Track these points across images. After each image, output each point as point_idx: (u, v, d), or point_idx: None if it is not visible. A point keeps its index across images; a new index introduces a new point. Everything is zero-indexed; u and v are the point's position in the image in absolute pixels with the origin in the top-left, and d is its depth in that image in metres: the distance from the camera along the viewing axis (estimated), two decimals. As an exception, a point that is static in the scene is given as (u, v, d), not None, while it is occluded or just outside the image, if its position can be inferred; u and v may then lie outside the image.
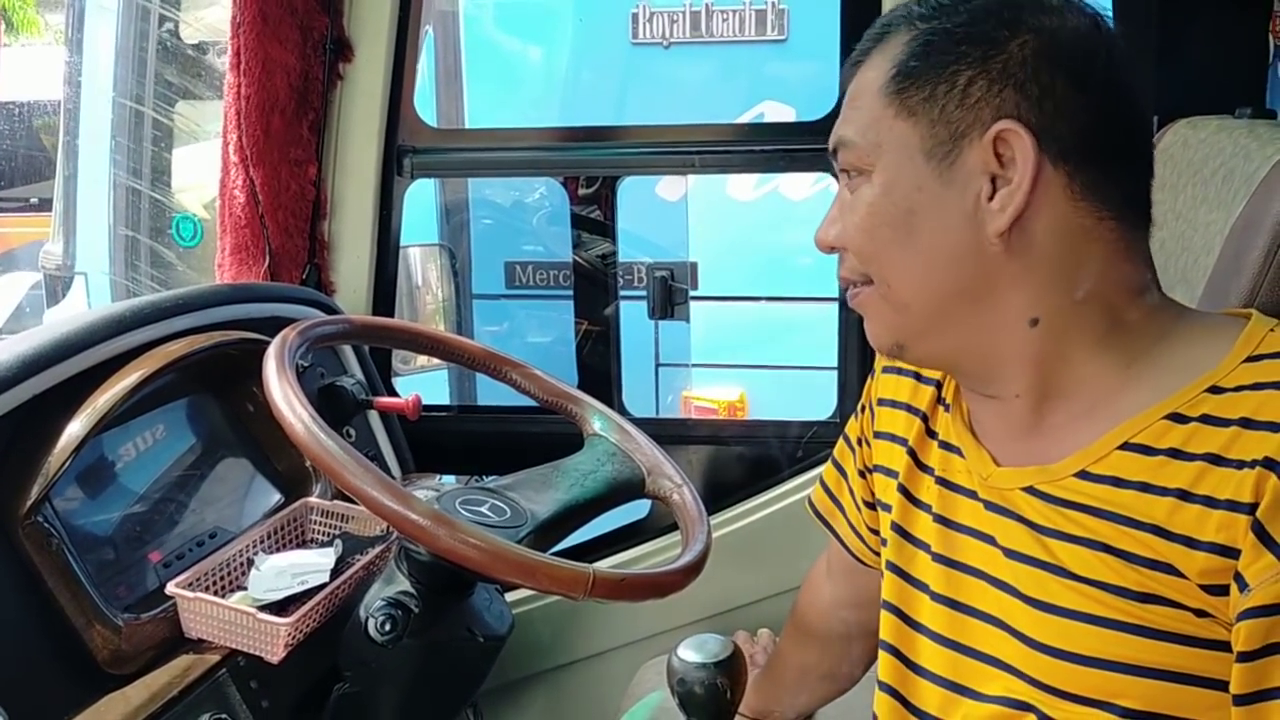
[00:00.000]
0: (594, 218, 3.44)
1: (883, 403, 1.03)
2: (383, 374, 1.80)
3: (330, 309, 1.66)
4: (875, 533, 1.07)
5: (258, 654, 1.20)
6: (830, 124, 1.79)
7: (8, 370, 1.13)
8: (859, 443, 1.08)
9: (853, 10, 1.66)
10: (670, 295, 3.14)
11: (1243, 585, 0.73)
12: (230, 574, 1.28)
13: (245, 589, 1.26)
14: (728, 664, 0.95)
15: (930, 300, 0.84)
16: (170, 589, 1.20)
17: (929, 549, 0.92)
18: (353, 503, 1.28)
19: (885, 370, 1.04)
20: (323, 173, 1.74)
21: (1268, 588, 0.71)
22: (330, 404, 1.50)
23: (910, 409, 0.99)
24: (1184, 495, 0.75)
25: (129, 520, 1.28)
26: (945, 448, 0.94)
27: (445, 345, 1.46)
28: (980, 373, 0.87)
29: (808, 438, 1.76)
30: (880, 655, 0.97)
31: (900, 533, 0.96)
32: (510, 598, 1.58)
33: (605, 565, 1.59)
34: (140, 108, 2.59)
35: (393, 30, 1.72)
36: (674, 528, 1.64)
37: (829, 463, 1.14)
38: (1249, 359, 0.78)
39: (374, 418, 1.70)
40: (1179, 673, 0.77)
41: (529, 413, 1.79)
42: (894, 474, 0.98)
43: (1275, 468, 0.72)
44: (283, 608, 1.23)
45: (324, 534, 1.39)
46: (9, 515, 1.11)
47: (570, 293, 3.30)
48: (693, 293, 3.24)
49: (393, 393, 1.80)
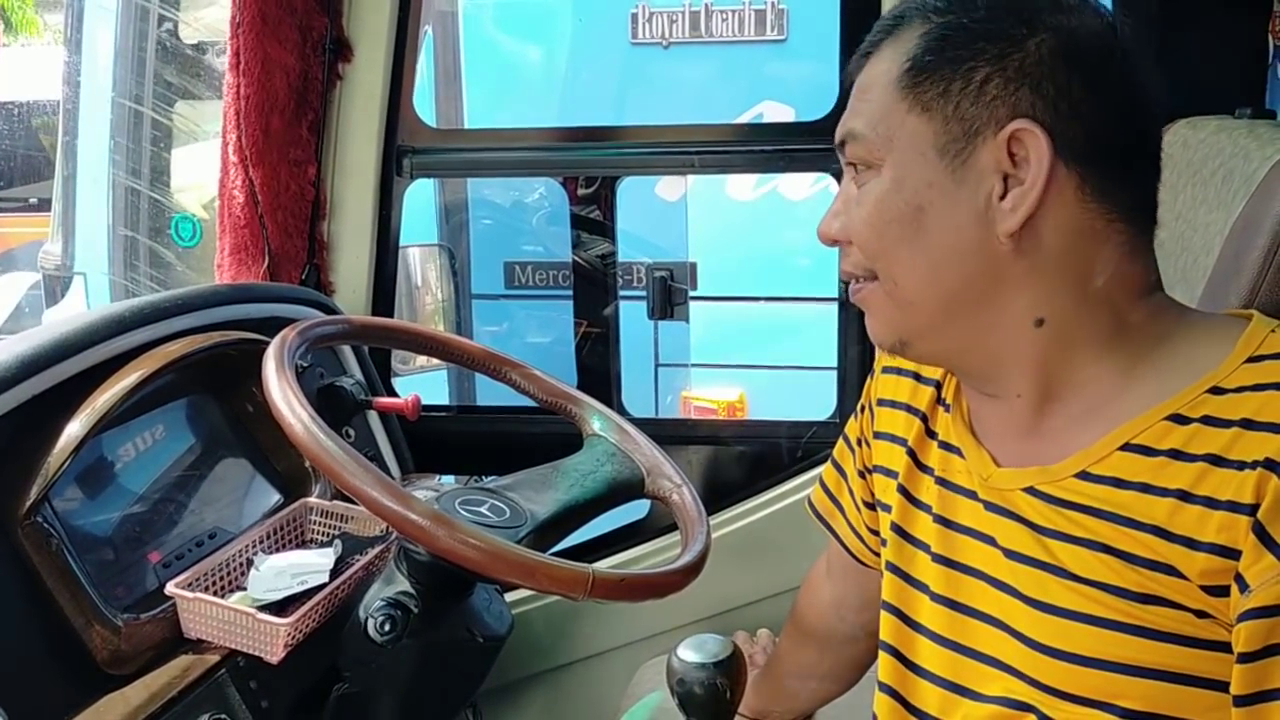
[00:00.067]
0: (593, 218, 3.43)
1: (882, 403, 1.03)
2: (382, 374, 1.80)
3: (329, 309, 1.66)
4: (875, 533, 1.06)
5: (257, 654, 1.20)
6: (830, 124, 1.79)
7: (7, 370, 1.13)
8: (858, 443, 1.08)
9: (852, 10, 1.66)
10: (670, 295, 3.14)
11: (1243, 586, 0.73)
12: (229, 574, 1.28)
13: (245, 589, 1.26)
14: (727, 664, 0.95)
15: (936, 298, 0.83)
16: (170, 589, 1.20)
17: (929, 549, 0.92)
18: (352, 503, 1.28)
19: (885, 370, 1.03)
20: (322, 173, 1.74)
21: (1269, 589, 0.71)
22: (329, 404, 1.50)
23: (910, 409, 0.98)
24: (1185, 496, 0.75)
25: (128, 520, 1.28)
26: (945, 448, 0.93)
27: (445, 345, 1.46)
28: (983, 372, 0.86)
29: (807, 438, 1.76)
30: (880, 656, 0.97)
31: (900, 533, 0.96)
32: (510, 598, 1.58)
33: (605, 565, 1.58)
34: (139, 108, 2.59)
35: (392, 30, 1.72)
36: (673, 528, 1.64)
37: (828, 463, 1.14)
38: (1250, 360, 0.78)
39: (373, 418, 1.70)
40: (1179, 673, 0.77)
41: (528, 413, 1.79)
42: (894, 474, 0.98)
43: (1276, 469, 0.72)
44: (282, 608, 1.23)
45: (323, 534, 1.39)
46: (8, 515, 1.11)
47: (570, 293, 3.30)
48: (692, 293, 3.24)
49: (392, 393, 1.80)
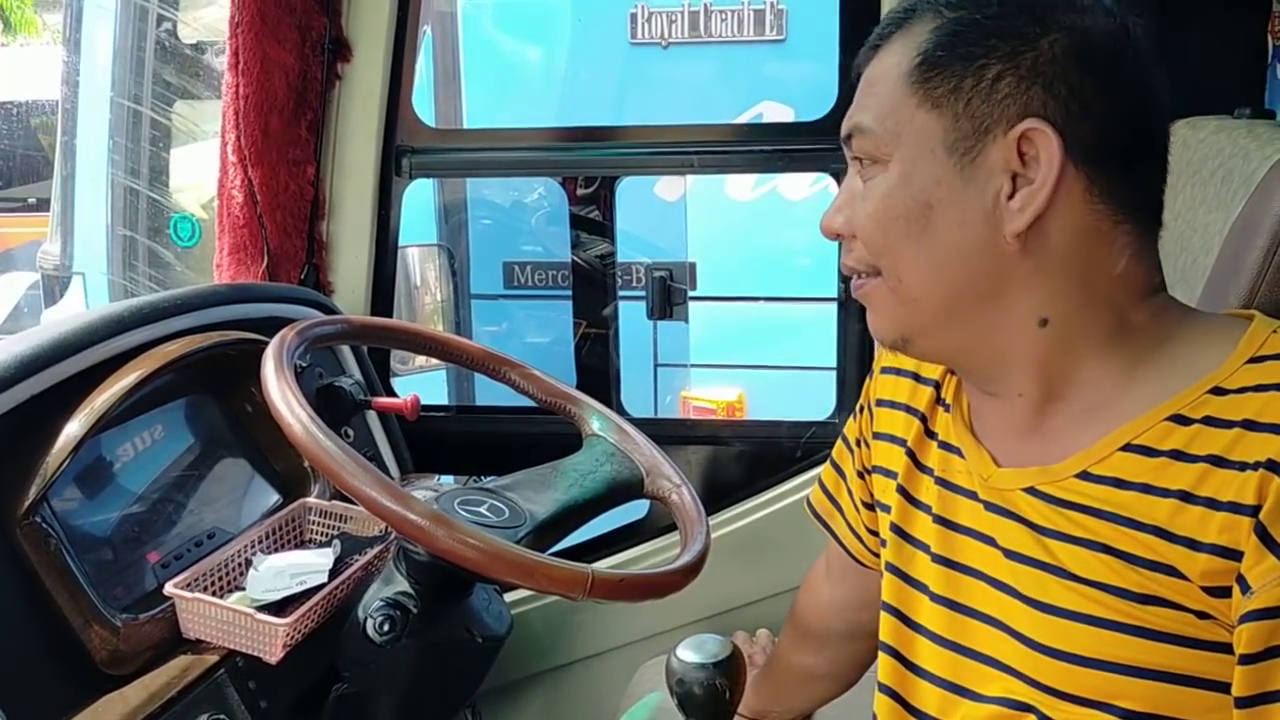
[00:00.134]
0: (593, 218, 3.43)
1: (881, 403, 1.02)
2: (381, 374, 1.80)
3: (329, 309, 1.66)
4: (874, 534, 1.06)
5: (256, 654, 1.20)
6: (829, 124, 1.79)
7: (6, 370, 1.13)
8: (857, 444, 1.07)
9: (851, 10, 1.66)
10: (669, 295, 3.14)
11: (1245, 587, 0.73)
12: (228, 574, 1.28)
13: (243, 589, 1.26)
14: (726, 664, 0.95)
15: (940, 296, 0.83)
16: (168, 589, 1.20)
17: (928, 550, 0.92)
18: (351, 503, 1.28)
19: (884, 371, 1.03)
20: (321, 173, 1.74)
21: (1271, 590, 0.71)
22: (328, 404, 1.50)
23: (909, 409, 0.98)
24: (1186, 497, 0.75)
25: (127, 520, 1.28)
26: (945, 448, 0.93)
27: (444, 345, 1.46)
28: (984, 370, 0.86)
29: (806, 438, 1.76)
30: (880, 656, 0.97)
31: (899, 533, 0.96)
32: (509, 598, 1.58)
33: (604, 565, 1.58)
34: (138, 107, 2.59)
35: (391, 30, 1.72)
36: (673, 528, 1.64)
37: (827, 464, 1.14)
38: (1251, 360, 0.77)
39: (372, 418, 1.70)
40: (1179, 674, 0.77)
41: (528, 413, 1.78)
42: (893, 475, 0.98)
43: (1278, 470, 0.72)
44: (281, 608, 1.23)
45: (322, 534, 1.39)
46: (7, 515, 1.11)
47: (569, 293, 3.30)
48: (691, 293, 3.24)
49: (391, 393, 1.80)
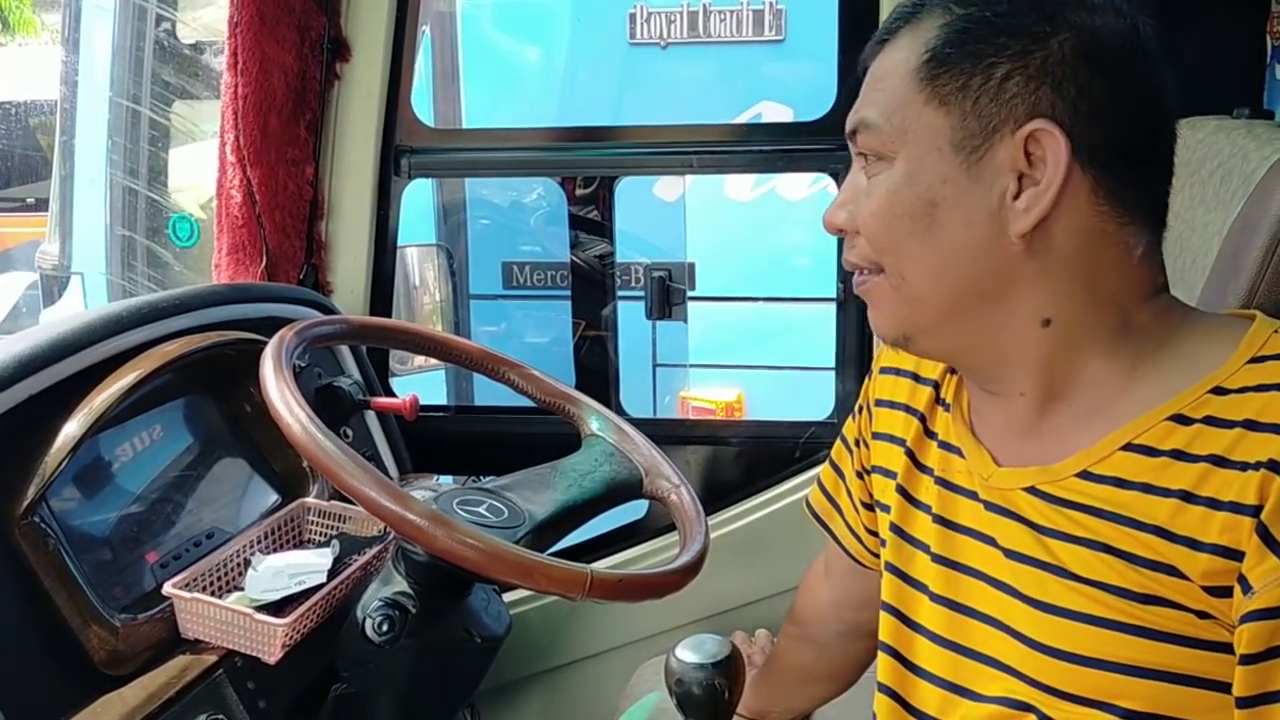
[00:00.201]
0: (592, 218, 3.43)
1: (880, 404, 1.02)
2: (380, 374, 1.79)
3: (327, 309, 1.66)
4: (874, 534, 1.06)
5: (255, 654, 1.20)
6: (828, 124, 1.79)
7: (4, 370, 1.13)
8: (857, 444, 1.07)
9: (850, 10, 1.66)
10: (668, 295, 3.14)
11: (1246, 588, 0.72)
12: (227, 574, 1.28)
13: (242, 589, 1.26)
14: (726, 664, 0.95)
15: (944, 296, 0.82)
16: (167, 589, 1.20)
17: (928, 549, 0.92)
18: (350, 503, 1.28)
19: (883, 371, 1.03)
20: (320, 173, 1.74)
21: (1272, 590, 0.71)
22: (327, 404, 1.50)
23: (908, 409, 0.98)
24: (1187, 496, 0.75)
25: (126, 521, 1.28)
26: (945, 448, 0.93)
27: (443, 345, 1.46)
28: (986, 369, 0.86)
29: (805, 438, 1.76)
30: (879, 656, 0.97)
31: (899, 533, 0.96)
32: (508, 598, 1.58)
33: (603, 566, 1.58)
34: (137, 107, 2.59)
35: (390, 30, 1.72)
36: (672, 528, 1.64)
37: (826, 464, 1.14)
38: (1253, 360, 0.77)
39: (371, 418, 1.70)
40: (1180, 674, 0.77)
41: (527, 413, 1.78)
42: (892, 474, 0.98)
43: None
44: (280, 608, 1.23)
45: (321, 534, 1.39)
46: (5, 515, 1.10)
47: (568, 293, 3.30)
48: (690, 293, 3.24)
49: (390, 393, 1.80)
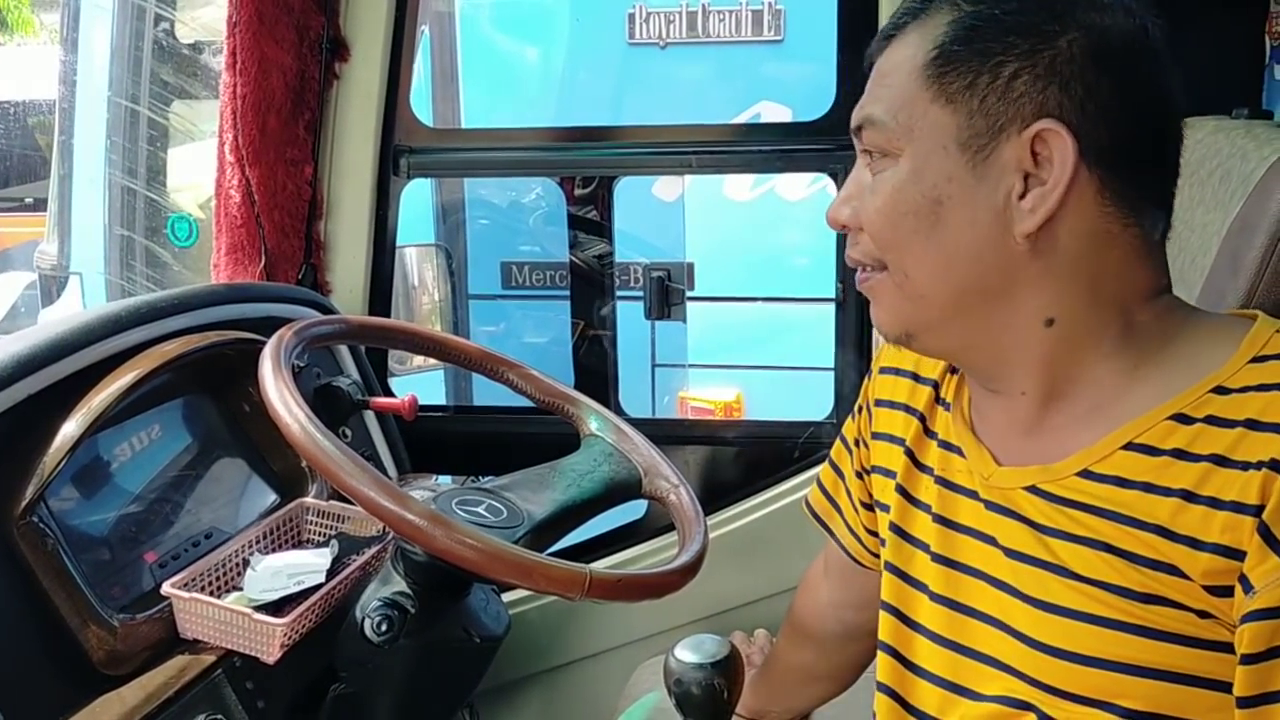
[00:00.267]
0: (590, 218, 3.43)
1: (880, 404, 1.02)
2: (379, 374, 1.79)
3: (326, 309, 1.66)
4: (873, 534, 1.06)
5: (253, 654, 1.19)
6: (827, 124, 1.79)
7: (3, 370, 1.13)
8: (856, 444, 1.07)
9: (849, 10, 1.66)
10: (667, 295, 3.14)
11: (1248, 587, 0.72)
12: (226, 574, 1.28)
13: (241, 589, 1.26)
14: (725, 664, 0.95)
15: (947, 294, 0.82)
16: (166, 589, 1.20)
17: (928, 549, 0.92)
18: (349, 503, 1.28)
19: (882, 371, 1.03)
20: (319, 172, 1.74)
21: (1273, 590, 0.71)
22: (326, 404, 1.50)
23: (908, 409, 0.98)
24: (1188, 496, 0.75)
25: (124, 520, 1.28)
26: (945, 447, 0.93)
27: (442, 345, 1.46)
28: (988, 368, 0.86)
29: (804, 438, 1.76)
30: (879, 656, 0.97)
31: (899, 533, 0.96)
32: (507, 598, 1.58)
33: (602, 566, 1.58)
34: (136, 107, 2.58)
35: (389, 30, 1.72)
36: (671, 528, 1.64)
37: (826, 464, 1.14)
38: (1255, 360, 0.77)
39: (370, 418, 1.70)
40: (1180, 673, 0.77)
41: (525, 413, 1.78)
42: (892, 474, 0.98)
43: None
44: (279, 608, 1.23)
45: (320, 534, 1.39)
46: (4, 515, 1.10)
47: (567, 293, 3.29)
48: (689, 293, 3.25)
49: (389, 393, 1.80)
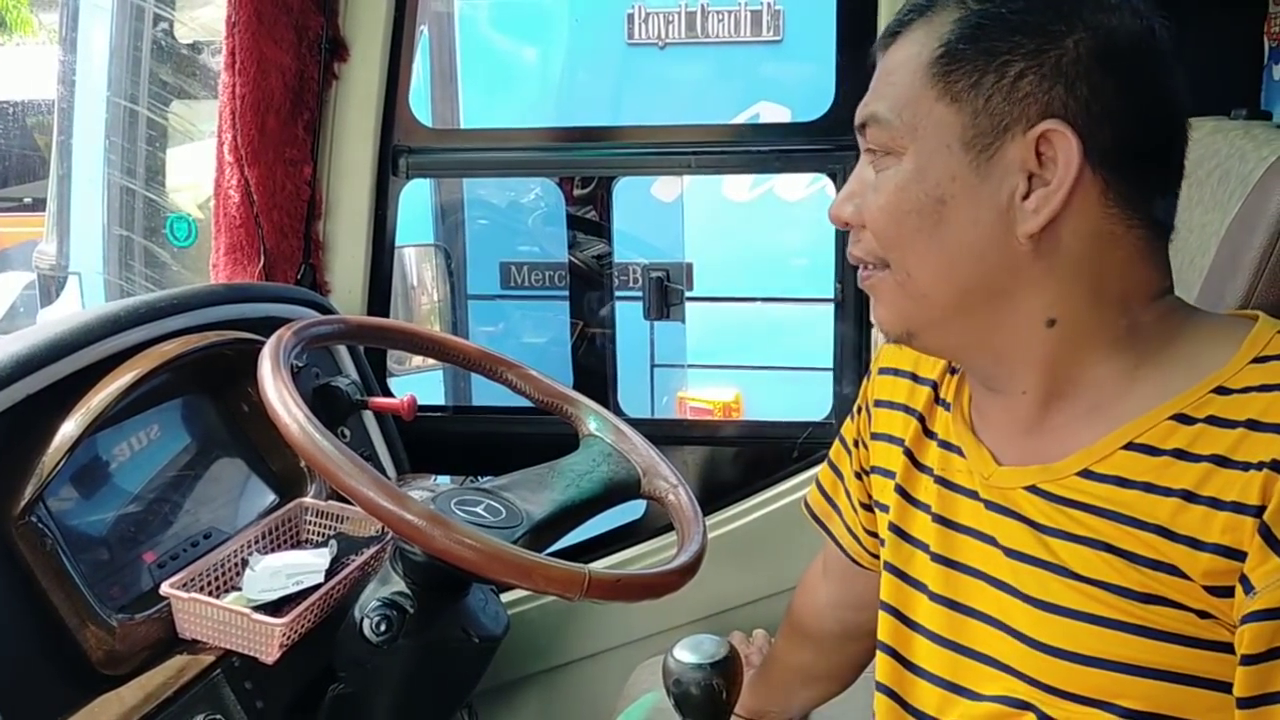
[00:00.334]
0: (589, 218, 3.43)
1: (879, 404, 1.02)
2: (378, 374, 1.79)
3: (325, 309, 1.66)
4: (872, 534, 1.06)
5: (252, 654, 1.19)
6: (826, 124, 1.79)
7: (2, 370, 1.12)
8: (855, 445, 1.08)
9: (849, 11, 1.66)
10: (666, 296, 3.15)
11: (1248, 588, 0.72)
12: (225, 574, 1.28)
13: (240, 589, 1.26)
14: (723, 665, 0.95)
15: (949, 293, 0.82)
16: (165, 589, 1.20)
17: (927, 549, 0.92)
18: (348, 503, 1.28)
19: (881, 372, 1.03)
20: (318, 172, 1.74)
21: (1274, 591, 0.71)
22: (325, 404, 1.50)
23: (907, 409, 0.98)
24: (1189, 496, 0.75)
25: (123, 520, 1.27)
26: (945, 447, 0.93)
27: (441, 346, 1.46)
28: (989, 367, 0.86)
29: (803, 438, 1.76)
30: (878, 655, 0.97)
31: (898, 533, 0.96)
32: (505, 598, 1.58)
33: (601, 566, 1.58)
34: (135, 107, 2.58)
35: (388, 30, 1.72)
36: (670, 528, 1.64)
37: (825, 464, 1.14)
38: (1256, 360, 0.77)
39: (369, 418, 1.70)
40: (1180, 673, 0.77)
41: (524, 413, 1.78)
42: (891, 474, 0.98)
43: None
44: (277, 608, 1.23)
45: (319, 534, 1.39)
46: (3, 515, 1.10)
47: (566, 293, 3.30)
48: (688, 293, 3.25)
49: (388, 393, 1.80)
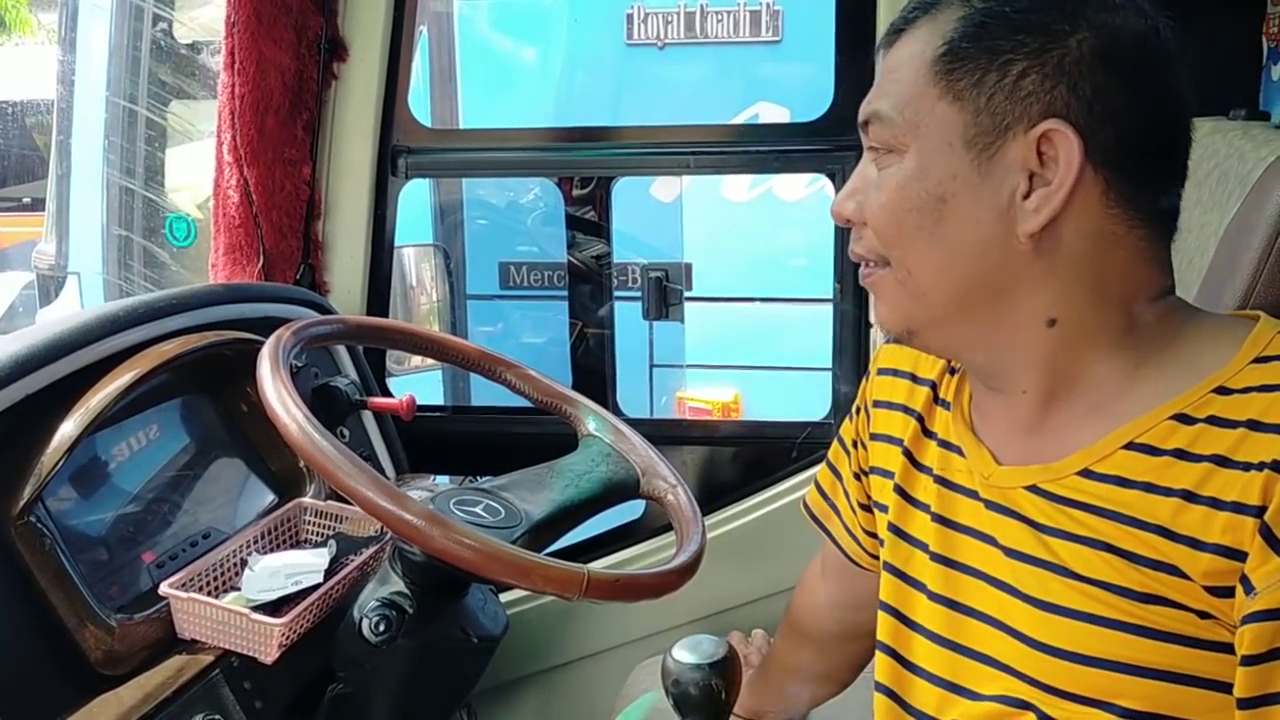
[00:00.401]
0: (588, 218, 3.43)
1: (878, 404, 1.02)
2: (377, 374, 1.79)
3: (324, 309, 1.66)
4: (871, 535, 1.06)
5: (251, 654, 1.19)
6: (825, 125, 1.79)
7: (1, 370, 1.12)
8: (854, 445, 1.07)
9: (848, 11, 1.66)
10: (664, 296, 3.15)
11: (1249, 588, 0.72)
12: (224, 574, 1.28)
13: (239, 589, 1.26)
14: (722, 665, 0.95)
15: (949, 292, 0.82)
16: (163, 589, 1.20)
17: (927, 548, 0.92)
18: (347, 503, 1.28)
19: (880, 372, 1.03)
20: (317, 173, 1.74)
21: (1274, 591, 0.71)
22: (324, 404, 1.50)
23: (906, 409, 0.98)
24: (1189, 496, 0.75)
25: (122, 520, 1.27)
26: (944, 447, 0.93)
27: (440, 346, 1.46)
28: (989, 366, 0.86)
29: (802, 439, 1.76)
30: (877, 655, 0.97)
31: (897, 533, 0.96)
32: (505, 598, 1.58)
33: (600, 566, 1.58)
34: (134, 107, 2.58)
35: (387, 30, 1.72)
36: (668, 528, 1.64)
37: (824, 465, 1.14)
38: (1257, 360, 0.77)
39: (368, 418, 1.70)
40: (1180, 674, 0.77)
41: (523, 413, 1.78)
42: (890, 474, 0.98)
43: None
44: (276, 608, 1.23)
45: (318, 534, 1.39)
46: (1, 515, 1.10)
47: (565, 293, 3.30)
48: (687, 293, 3.25)
49: (387, 393, 1.79)
